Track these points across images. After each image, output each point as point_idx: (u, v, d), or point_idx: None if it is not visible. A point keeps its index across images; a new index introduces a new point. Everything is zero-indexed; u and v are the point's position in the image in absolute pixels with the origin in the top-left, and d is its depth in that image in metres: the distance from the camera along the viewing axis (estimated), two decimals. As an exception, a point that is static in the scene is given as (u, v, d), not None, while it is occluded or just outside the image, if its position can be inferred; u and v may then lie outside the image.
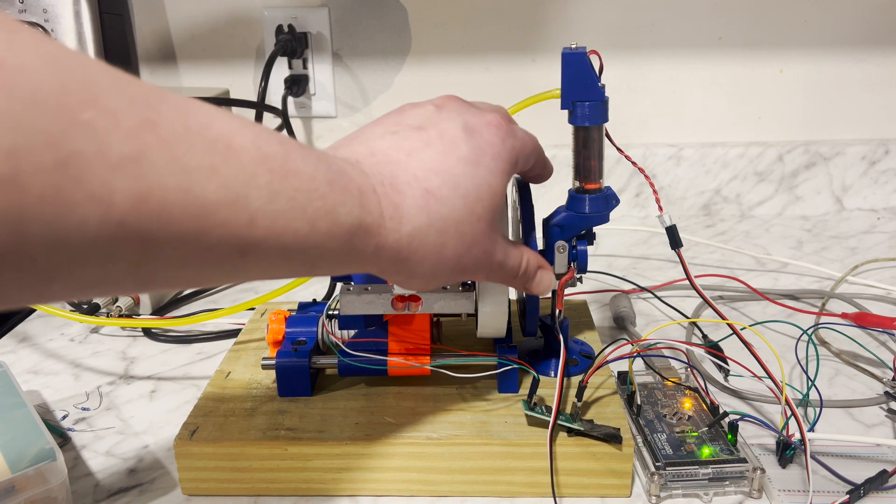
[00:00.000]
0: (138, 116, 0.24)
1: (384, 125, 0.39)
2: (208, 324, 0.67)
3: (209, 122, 0.27)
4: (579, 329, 0.59)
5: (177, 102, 0.27)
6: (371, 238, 0.34)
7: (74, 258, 0.24)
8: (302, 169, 0.30)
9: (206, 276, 0.29)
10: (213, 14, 0.93)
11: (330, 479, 0.46)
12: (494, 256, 0.40)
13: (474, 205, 0.37)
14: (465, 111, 0.40)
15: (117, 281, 0.26)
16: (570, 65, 0.45)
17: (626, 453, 0.44)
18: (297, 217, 0.30)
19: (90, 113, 0.23)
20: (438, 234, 0.36)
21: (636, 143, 0.95)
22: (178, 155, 0.25)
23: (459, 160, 0.37)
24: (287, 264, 0.32)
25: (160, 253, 0.26)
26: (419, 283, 0.38)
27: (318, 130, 0.98)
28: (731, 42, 0.91)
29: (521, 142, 0.41)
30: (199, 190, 0.26)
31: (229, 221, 0.27)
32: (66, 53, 0.24)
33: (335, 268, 0.35)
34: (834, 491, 0.44)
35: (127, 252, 0.25)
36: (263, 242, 0.29)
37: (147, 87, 0.26)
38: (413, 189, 0.35)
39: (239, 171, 0.28)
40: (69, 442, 0.53)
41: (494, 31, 0.92)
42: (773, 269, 0.79)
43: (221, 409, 0.49)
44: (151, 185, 0.24)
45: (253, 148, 0.28)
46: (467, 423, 0.47)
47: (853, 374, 0.58)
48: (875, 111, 0.94)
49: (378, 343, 0.50)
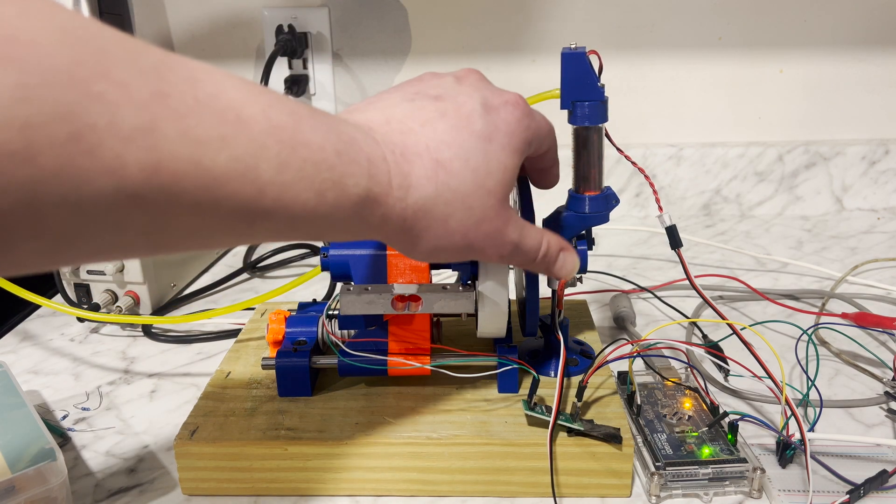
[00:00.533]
0: (150, 88, 0.24)
1: (402, 92, 0.39)
2: (208, 324, 0.67)
3: (219, 92, 0.27)
4: (579, 329, 0.59)
5: (187, 71, 0.27)
6: (378, 207, 0.34)
7: (88, 227, 0.24)
8: (311, 139, 0.30)
9: (215, 241, 0.30)
10: (213, 14, 0.93)
11: (330, 479, 0.46)
12: (507, 235, 0.39)
13: (484, 179, 0.37)
14: (485, 87, 0.40)
15: (129, 246, 0.27)
16: (570, 65, 0.45)
17: (626, 453, 0.44)
18: (306, 188, 0.30)
19: (102, 85, 0.23)
20: (445, 205, 0.36)
21: (636, 143, 0.95)
22: (189, 126, 0.25)
23: (473, 134, 0.37)
24: (294, 233, 0.32)
25: (171, 222, 0.26)
26: (424, 253, 0.38)
27: (318, 130, 0.98)
28: (731, 42, 0.91)
29: (538, 123, 0.41)
30: (210, 162, 0.26)
31: (239, 193, 0.28)
32: (78, 23, 0.24)
33: (341, 235, 0.35)
34: (834, 491, 0.44)
35: (139, 221, 0.25)
36: (272, 213, 0.29)
37: (157, 54, 0.26)
38: (423, 159, 0.35)
39: (249, 143, 0.28)
40: (69, 442, 0.53)
41: (494, 31, 0.92)
42: (773, 269, 0.79)
43: (221, 409, 0.49)
44: (163, 157, 0.25)
45: (263, 118, 0.28)
46: (467, 423, 0.47)
47: (853, 374, 0.58)
48: (875, 111, 0.94)
49: (378, 343, 0.50)
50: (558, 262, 0.43)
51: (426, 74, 0.41)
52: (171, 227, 0.27)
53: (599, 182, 0.48)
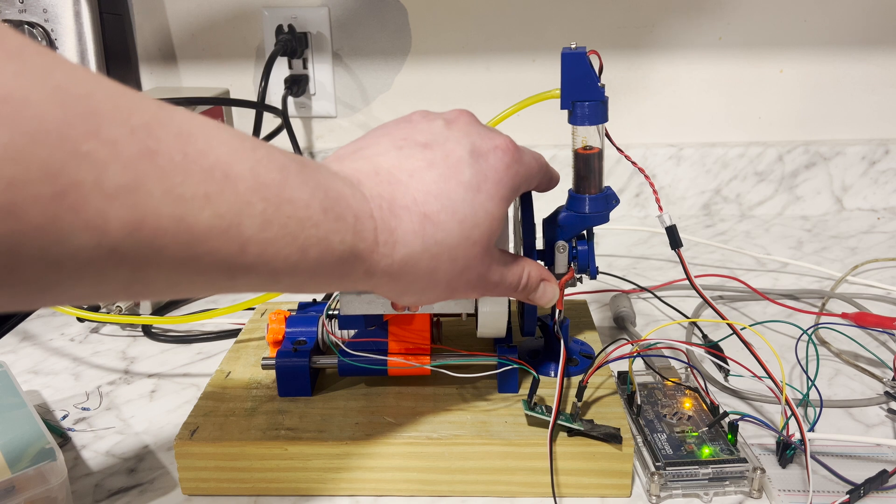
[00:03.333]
0: (138, 146, 0.25)
1: (391, 137, 0.39)
2: (208, 324, 0.67)
3: (209, 148, 0.27)
4: (579, 329, 0.59)
5: (179, 126, 0.27)
6: (361, 263, 0.34)
7: (67, 279, 0.24)
8: (298, 197, 0.31)
9: (196, 292, 0.30)
10: (213, 14, 0.93)
11: (330, 479, 0.46)
12: (489, 279, 0.40)
13: (471, 231, 0.37)
14: (475, 132, 0.40)
15: (108, 295, 0.27)
16: (570, 65, 0.45)
17: (626, 453, 0.44)
18: (289, 244, 0.30)
19: (91, 144, 0.23)
20: (431, 258, 0.36)
21: (636, 143, 0.95)
22: (175, 184, 0.26)
23: (461, 184, 0.37)
24: (275, 286, 0.32)
25: (151, 275, 0.27)
26: (409, 301, 0.39)
27: (318, 130, 0.98)
28: (731, 42, 0.91)
29: (527, 168, 0.41)
30: (192, 219, 0.26)
31: (220, 249, 0.28)
32: (72, 79, 0.24)
33: (324, 288, 0.35)
34: (834, 491, 0.44)
35: (118, 275, 0.26)
36: (253, 268, 0.30)
37: (151, 109, 0.26)
38: (411, 213, 0.35)
39: (233, 200, 0.28)
40: (69, 442, 0.53)
41: (494, 31, 0.92)
42: (773, 269, 0.79)
43: (221, 409, 0.49)
44: (146, 214, 0.25)
45: (251, 176, 0.29)
46: (467, 423, 0.47)
47: (853, 374, 0.58)
48: (875, 111, 0.94)
49: (378, 343, 0.50)
50: (538, 292, 0.44)
51: (416, 115, 0.41)
52: (151, 280, 0.27)
53: (599, 182, 0.48)
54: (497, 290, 0.42)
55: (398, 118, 0.41)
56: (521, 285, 0.43)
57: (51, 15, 0.81)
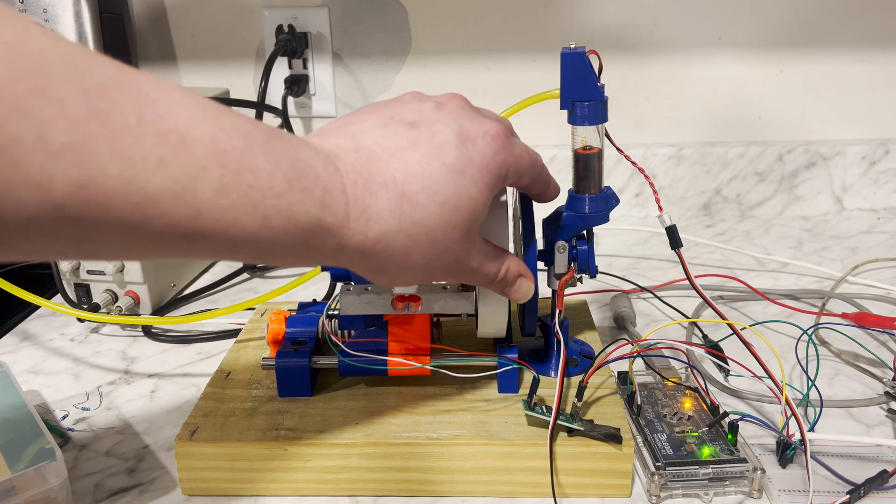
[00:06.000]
0: (88, 106, 0.25)
1: (379, 115, 0.38)
2: (208, 324, 0.67)
3: (167, 113, 0.27)
4: (579, 329, 0.59)
5: (138, 90, 0.27)
6: (331, 237, 0.34)
7: (13, 234, 0.25)
8: (260, 166, 0.30)
9: (154, 255, 0.30)
10: (213, 14, 0.93)
11: (330, 479, 0.46)
12: (468, 263, 0.40)
13: (452, 214, 0.37)
14: (465, 115, 0.39)
15: (60, 253, 0.28)
16: (570, 65, 0.45)
17: (626, 453, 0.44)
18: (248, 213, 0.30)
19: (35, 101, 0.24)
20: (408, 238, 0.36)
21: (636, 143, 0.95)
22: (125, 146, 0.26)
23: (444, 166, 0.36)
24: (237, 254, 0.32)
25: (100, 235, 0.27)
26: (385, 281, 0.38)
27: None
28: (731, 42, 0.91)
29: (516, 157, 0.40)
30: (143, 181, 0.27)
31: (173, 212, 0.28)
32: (25, 37, 0.24)
33: (292, 261, 0.35)
34: (834, 491, 0.44)
35: (66, 232, 0.26)
36: (210, 234, 0.30)
37: (109, 72, 0.26)
38: (388, 191, 0.35)
39: (188, 165, 0.28)
40: (69, 442, 0.53)
41: (494, 31, 0.92)
42: (773, 269, 0.79)
43: (221, 409, 0.49)
44: (93, 173, 0.25)
45: (210, 142, 0.29)
46: (467, 423, 0.47)
47: (853, 374, 0.58)
48: (875, 111, 0.94)
49: (378, 343, 0.50)
50: (514, 287, 0.44)
51: (408, 95, 0.41)
52: (102, 240, 0.27)
53: (599, 182, 0.48)
54: (473, 277, 0.41)
55: (391, 98, 0.41)
56: (499, 277, 0.42)
57: (51, 15, 0.81)
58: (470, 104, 0.41)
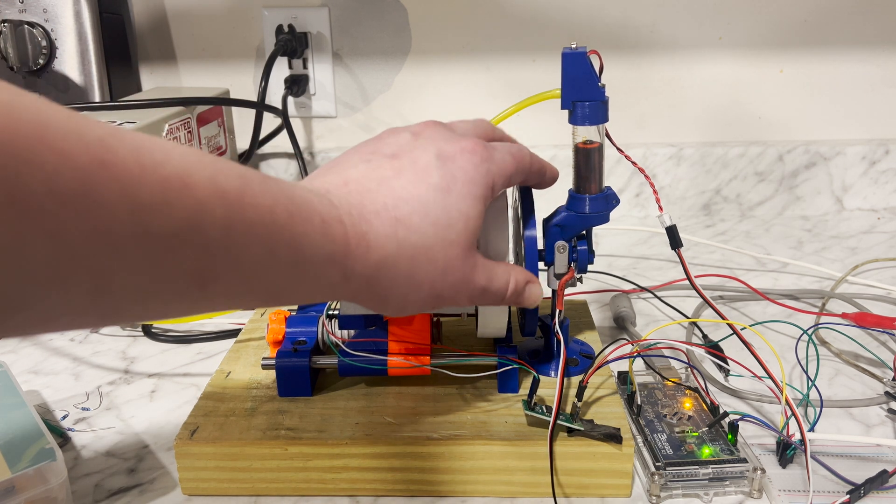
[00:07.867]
0: (91, 157, 0.25)
1: (360, 153, 0.40)
2: (208, 324, 0.67)
3: (166, 160, 0.28)
4: (579, 329, 0.59)
5: (133, 142, 0.27)
6: (336, 267, 0.34)
7: (30, 288, 0.24)
8: (260, 202, 0.31)
9: (172, 309, 0.30)
10: (213, 14, 0.93)
11: (330, 479, 0.46)
12: (475, 282, 0.40)
13: (445, 231, 0.38)
14: (441, 138, 0.40)
15: (79, 312, 0.27)
16: (570, 65, 0.45)
17: (626, 453, 0.44)
18: (256, 246, 0.31)
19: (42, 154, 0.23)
20: (408, 260, 0.37)
21: (636, 143, 0.95)
22: (131, 191, 0.26)
23: (430, 187, 0.38)
24: (251, 295, 0.32)
25: (116, 282, 0.27)
26: (393, 309, 0.39)
27: (318, 130, 0.98)
28: (731, 42, 0.91)
29: (499, 165, 0.41)
30: (152, 224, 0.27)
31: (183, 253, 0.28)
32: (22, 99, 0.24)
33: (304, 296, 0.35)
34: (834, 491, 0.44)
35: (82, 280, 0.26)
36: (222, 274, 0.30)
37: (106, 129, 0.26)
38: (382, 218, 0.36)
39: (193, 205, 0.28)
40: (69, 442, 0.53)
41: (494, 31, 0.92)
42: (773, 269, 0.79)
43: (221, 409, 0.49)
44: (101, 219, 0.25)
45: (210, 184, 0.29)
46: (467, 423, 0.47)
47: (853, 374, 0.58)
48: (875, 111, 0.94)
49: (378, 343, 0.50)
50: (525, 294, 0.44)
51: (385, 133, 0.42)
52: (117, 289, 0.27)
53: (600, 181, 0.48)
54: (486, 297, 0.42)
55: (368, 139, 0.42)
56: (510, 290, 0.43)
57: (51, 15, 0.81)
58: (445, 126, 0.42)
